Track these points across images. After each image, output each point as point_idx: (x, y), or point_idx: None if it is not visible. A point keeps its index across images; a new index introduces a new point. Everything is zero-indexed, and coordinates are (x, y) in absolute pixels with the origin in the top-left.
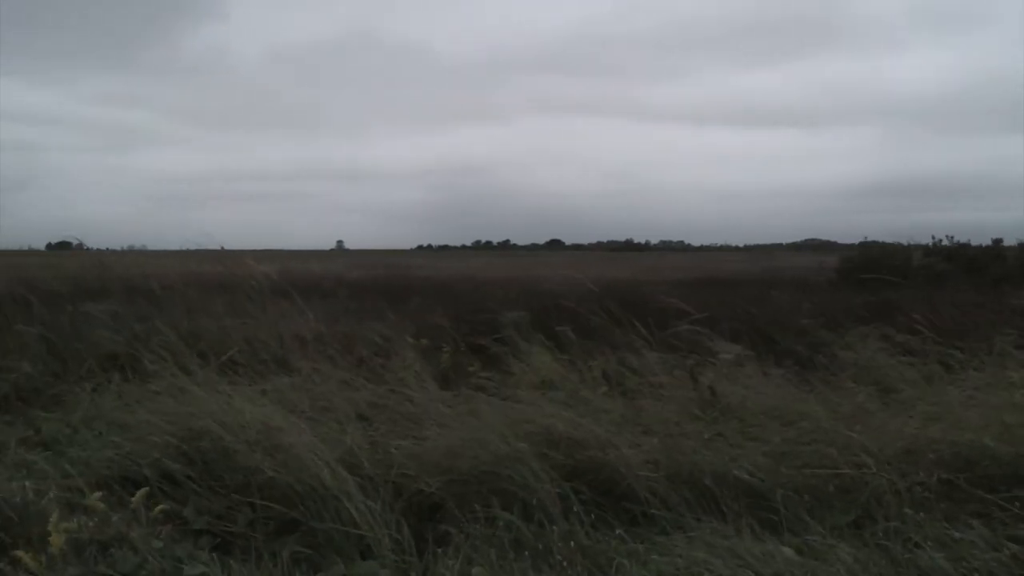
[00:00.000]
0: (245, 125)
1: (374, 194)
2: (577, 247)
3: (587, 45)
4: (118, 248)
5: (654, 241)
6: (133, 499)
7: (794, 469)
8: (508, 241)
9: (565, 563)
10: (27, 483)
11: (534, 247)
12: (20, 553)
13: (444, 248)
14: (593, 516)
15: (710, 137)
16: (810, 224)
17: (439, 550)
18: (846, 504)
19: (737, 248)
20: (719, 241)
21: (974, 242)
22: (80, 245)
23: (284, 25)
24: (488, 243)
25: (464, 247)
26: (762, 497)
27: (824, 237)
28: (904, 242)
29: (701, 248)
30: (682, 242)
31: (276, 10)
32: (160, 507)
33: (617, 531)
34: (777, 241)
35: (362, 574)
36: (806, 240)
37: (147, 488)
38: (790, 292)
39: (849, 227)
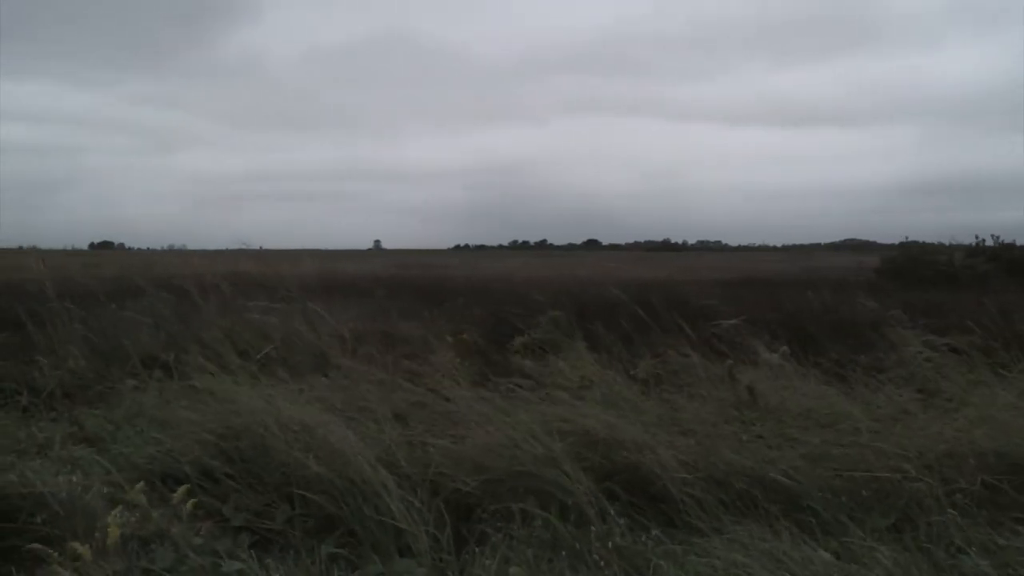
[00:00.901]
0: (282, 126)
1: (411, 194)
2: (614, 247)
3: (620, 45)
4: (159, 248)
5: (691, 241)
6: (174, 496)
7: (832, 471)
8: (545, 241)
9: (602, 563)
10: (73, 478)
11: (571, 247)
12: (77, 545)
13: (481, 248)
14: (629, 517)
15: (745, 136)
16: (849, 224)
17: (476, 549)
18: (885, 507)
19: (775, 248)
20: (757, 241)
21: (1019, 242)
22: (122, 245)
23: (318, 27)
24: (525, 243)
25: (501, 247)
26: (799, 499)
27: (863, 237)
28: (946, 242)
29: (739, 248)
30: (719, 242)
31: (310, 12)
32: (194, 502)
33: (653, 532)
34: (815, 241)
35: (400, 572)
36: (845, 240)
37: (187, 485)
38: (829, 292)
39: (889, 227)
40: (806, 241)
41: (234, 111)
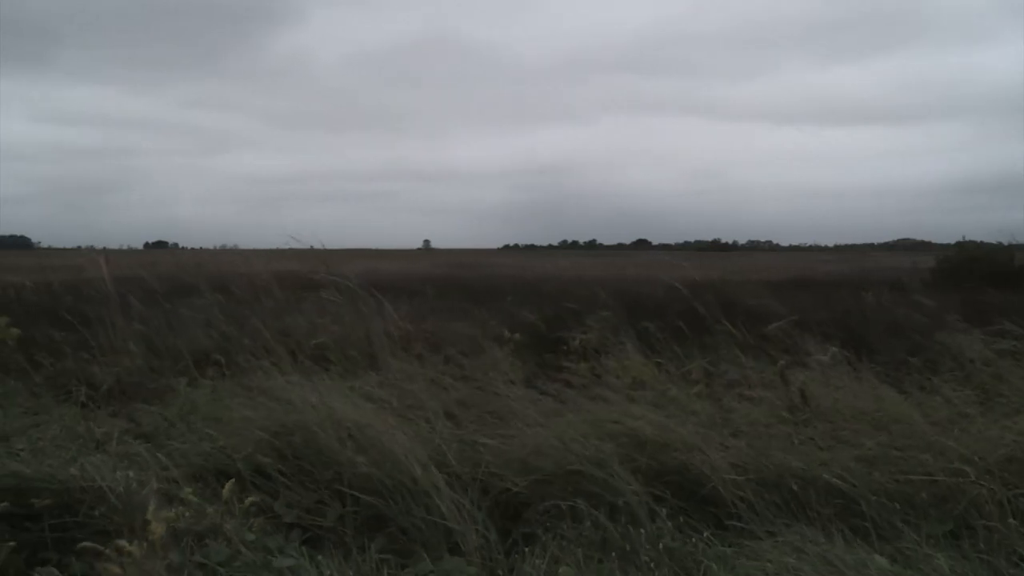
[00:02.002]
0: (329, 127)
1: (460, 194)
2: (664, 247)
3: (662, 44)
4: (211, 247)
5: (742, 241)
6: (224, 490)
7: (887, 475)
8: (594, 241)
9: (652, 565)
10: (130, 473)
11: (620, 247)
12: (123, 543)
13: (530, 247)
14: (679, 519)
15: (792, 135)
16: (903, 223)
17: (525, 549)
18: (942, 513)
19: (827, 248)
20: (808, 241)
21: None
22: (175, 244)
23: (362, 29)
24: (574, 243)
25: (550, 247)
26: (853, 503)
27: (918, 236)
28: (1004, 241)
29: (790, 248)
30: (770, 242)
31: (354, 15)
32: (251, 500)
33: (704, 534)
34: (869, 241)
35: (449, 570)
36: (899, 240)
37: (234, 480)
38: (883, 293)
39: (944, 226)
40: (859, 241)
41: (282, 112)
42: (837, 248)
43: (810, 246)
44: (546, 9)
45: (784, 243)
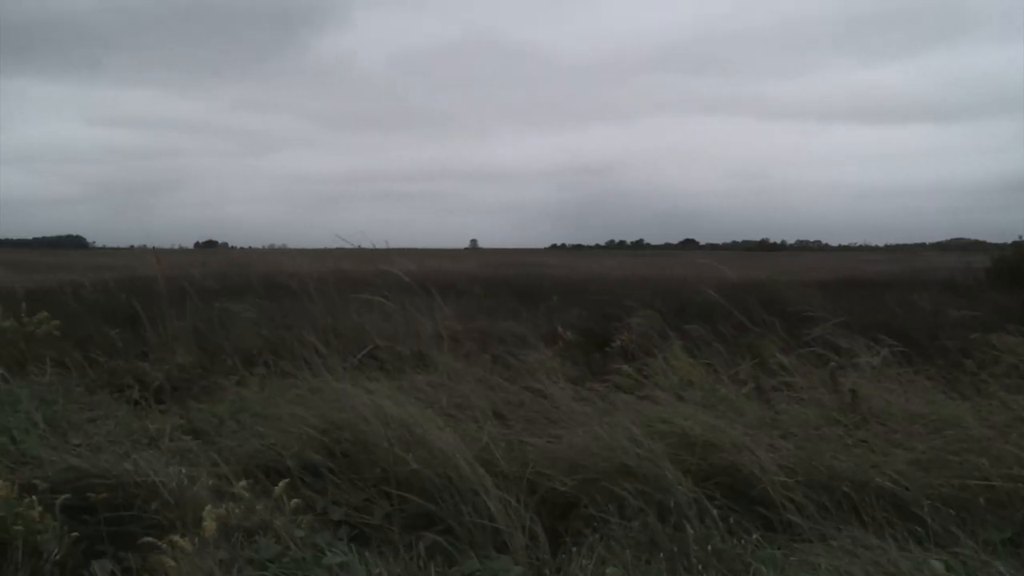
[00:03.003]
0: (376, 127)
1: (507, 193)
2: (711, 246)
3: (706, 43)
4: (260, 246)
5: (790, 241)
6: (276, 488)
7: (942, 479)
8: (641, 240)
9: (701, 566)
10: (182, 469)
11: (667, 246)
12: (176, 538)
13: (577, 247)
14: (728, 520)
15: (839, 134)
16: (956, 222)
17: (573, 549)
18: (1000, 519)
19: (877, 248)
20: (858, 240)
21: None
22: (225, 244)
23: (407, 31)
24: (621, 242)
25: (597, 246)
26: (906, 507)
27: (971, 236)
28: None
29: (839, 248)
30: (819, 242)
31: (398, 17)
32: (301, 496)
33: (753, 536)
34: (920, 240)
35: (496, 569)
36: (952, 239)
37: (288, 479)
38: (936, 293)
39: (998, 225)
40: (910, 240)
41: (328, 113)
42: (888, 248)
43: (860, 246)
44: (586, 9)
45: (833, 243)
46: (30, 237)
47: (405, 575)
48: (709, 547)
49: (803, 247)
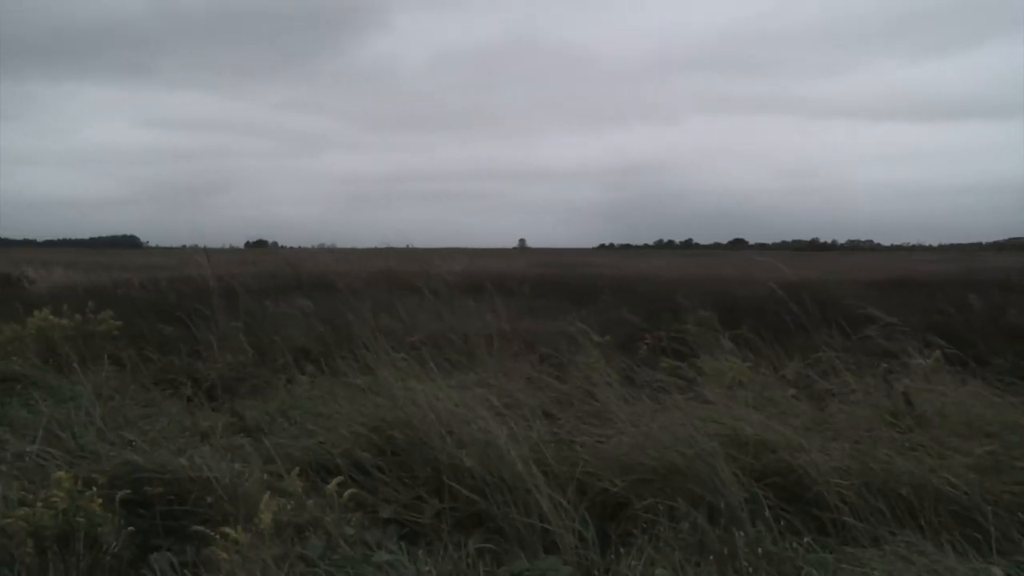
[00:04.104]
0: (419, 127)
1: (554, 193)
2: (761, 246)
3: (750, 43)
4: (309, 246)
5: (841, 240)
6: (328, 487)
7: (1002, 484)
8: (690, 240)
9: (751, 569)
10: (235, 465)
11: (716, 246)
12: (229, 530)
13: (626, 247)
14: (780, 522)
15: (890, 131)
16: (1014, 222)
17: (622, 550)
18: None
19: (931, 248)
20: (911, 240)
21: None
22: (275, 243)
23: (448, 33)
24: (670, 242)
25: (646, 246)
26: (965, 513)
27: None
28: None
29: (892, 248)
30: (870, 241)
31: (439, 19)
32: (350, 492)
33: (805, 539)
34: (976, 240)
35: (545, 569)
36: (1009, 239)
37: (341, 477)
38: (992, 294)
39: None
40: (965, 240)
41: (372, 114)
42: (942, 248)
43: (913, 246)
44: (626, 9)
45: (885, 242)
46: (86, 237)
47: (454, 574)
48: (759, 550)
49: (854, 247)
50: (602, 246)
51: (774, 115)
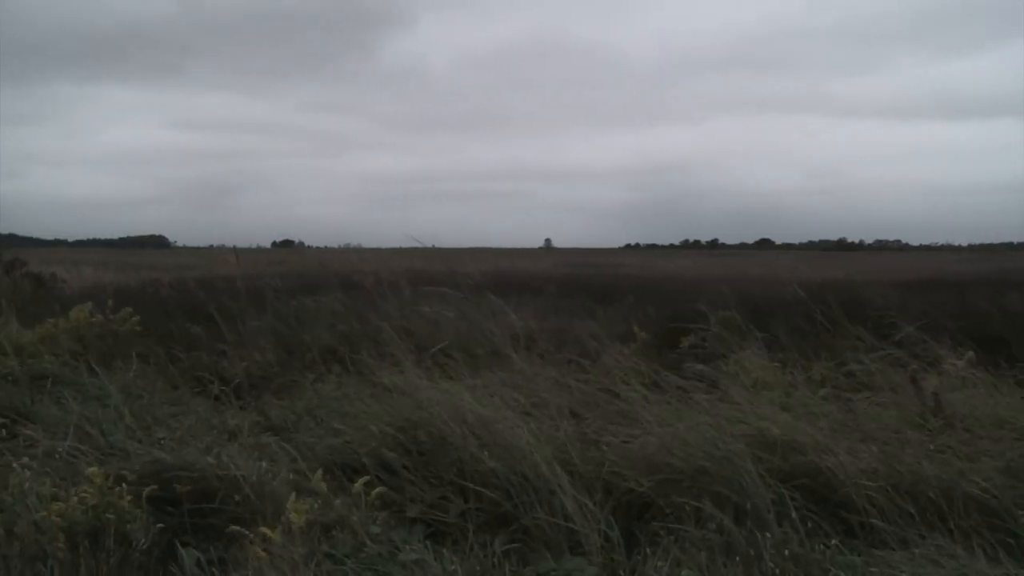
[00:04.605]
0: (444, 128)
1: (580, 193)
2: (787, 246)
3: (775, 42)
4: (335, 246)
5: (868, 240)
6: (354, 486)
7: None
8: (716, 240)
9: (777, 571)
10: (263, 464)
11: (743, 246)
12: (267, 530)
13: (652, 247)
14: (807, 524)
15: (917, 130)
16: None
17: (648, 550)
18: None
19: (961, 247)
20: (940, 240)
21: None
22: (301, 243)
23: (472, 33)
24: (696, 242)
25: (672, 246)
26: (996, 517)
27: None
28: None
29: (920, 247)
30: (898, 241)
31: (463, 19)
32: (377, 491)
33: (833, 541)
34: (1007, 240)
35: (570, 569)
36: None
37: (368, 477)
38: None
39: None
40: (996, 240)
41: (398, 114)
42: (971, 247)
43: (942, 245)
44: (651, 8)
45: (914, 242)
46: (115, 237)
47: (479, 573)
48: (786, 551)
49: (882, 247)
50: (628, 246)
51: (801, 114)
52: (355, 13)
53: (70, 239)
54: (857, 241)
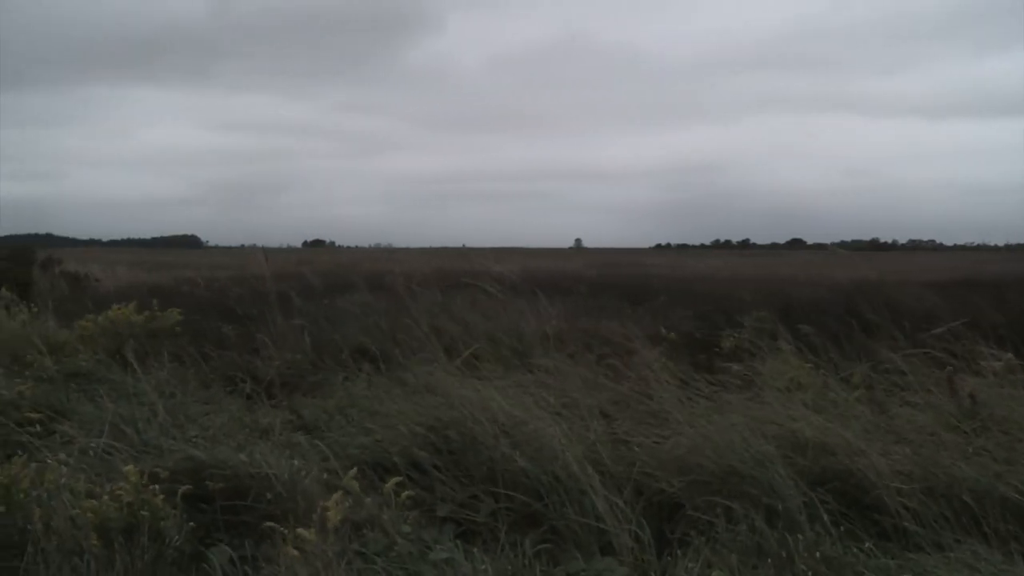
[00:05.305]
0: (475, 129)
1: (611, 193)
2: (819, 246)
3: (806, 41)
4: (366, 246)
5: (902, 240)
6: (385, 485)
7: None
8: (748, 240)
9: (810, 573)
10: (294, 462)
11: (774, 246)
12: (303, 531)
13: (683, 247)
14: (839, 526)
15: (951, 129)
16: None
17: (678, 551)
18: None
19: (997, 248)
20: (975, 240)
21: None
22: (332, 243)
23: (501, 34)
24: (727, 242)
25: (702, 246)
26: None
27: None
28: None
29: (955, 248)
30: (932, 241)
31: (492, 21)
32: (408, 493)
33: (866, 544)
34: None
35: (601, 570)
36: None
37: (399, 477)
38: None
39: None
40: None
41: (427, 115)
42: (1008, 247)
43: (977, 245)
44: (680, 8)
45: (948, 242)
46: (149, 237)
47: (510, 573)
48: (818, 554)
49: (916, 246)
50: (658, 246)
51: (832, 114)
52: (384, 15)
53: (104, 239)
54: (890, 241)
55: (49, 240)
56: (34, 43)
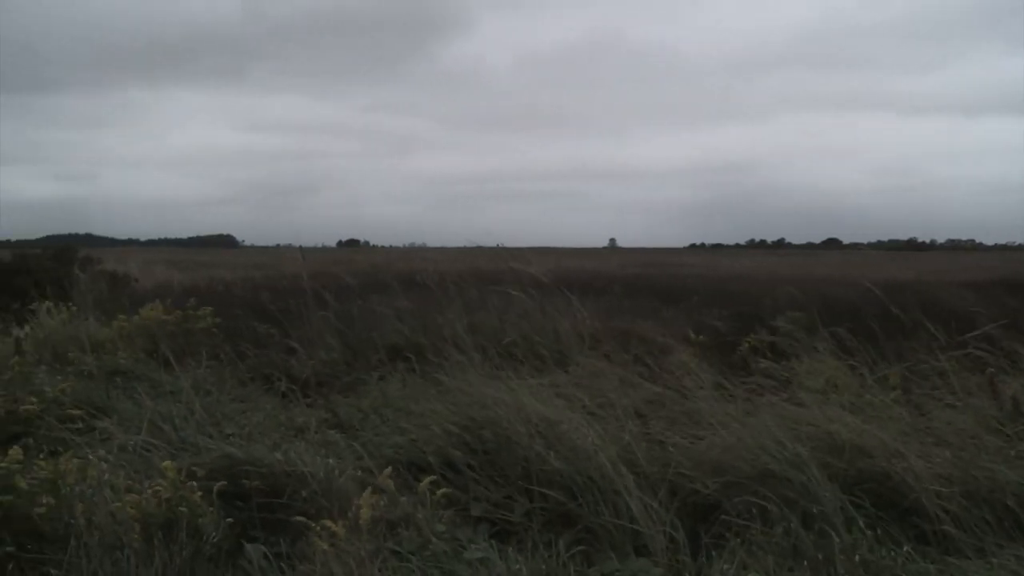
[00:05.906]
0: (507, 128)
1: (644, 192)
2: (855, 246)
3: (837, 38)
4: (400, 245)
5: (940, 240)
6: (420, 485)
7: None
8: (783, 240)
9: None
10: (329, 460)
11: (809, 246)
12: (331, 523)
13: (717, 246)
14: (877, 529)
15: (990, 127)
16: None
17: (713, 553)
18: None
19: None
20: (1017, 239)
21: None
22: (366, 243)
23: (531, 34)
24: (762, 241)
25: (737, 245)
26: None
27: None
28: None
29: (995, 247)
30: (972, 240)
31: (522, 21)
32: (443, 492)
33: (904, 548)
34: None
35: (635, 570)
36: None
37: (434, 476)
38: None
39: None
40: None
41: (459, 115)
42: None
43: (1019, 245)
44: (710, 6)
45: (988, 242)
46: (185, 236)
47: (544, 573)
48: (856, 557)
49: (955, 246)
50: (693, 246)
51: (867, 112)
52: (416, 16)
53: (142, 239)
54: (928, 241)
55: (89, 240)
56: (74, 48)
